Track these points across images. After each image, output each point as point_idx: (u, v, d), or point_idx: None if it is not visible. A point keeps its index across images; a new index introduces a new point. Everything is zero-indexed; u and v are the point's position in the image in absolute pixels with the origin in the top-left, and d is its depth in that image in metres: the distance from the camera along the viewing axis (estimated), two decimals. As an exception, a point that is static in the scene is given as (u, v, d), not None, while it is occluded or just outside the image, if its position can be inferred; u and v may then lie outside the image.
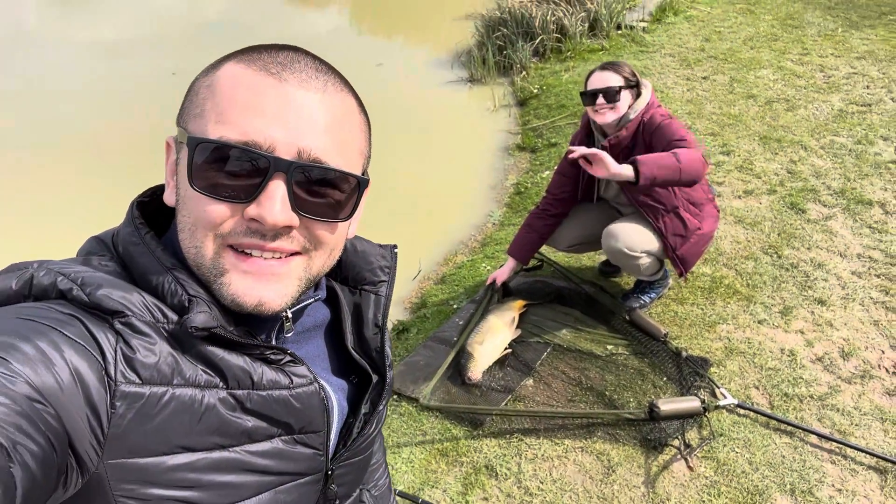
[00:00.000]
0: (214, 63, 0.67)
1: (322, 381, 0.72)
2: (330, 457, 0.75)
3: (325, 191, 0.65)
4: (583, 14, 6.61)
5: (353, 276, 0.82)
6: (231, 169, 0.61)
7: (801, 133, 4.45)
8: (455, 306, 3.21)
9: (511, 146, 4.99)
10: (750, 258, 3.27)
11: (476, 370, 2.63)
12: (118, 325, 0.60)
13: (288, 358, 0.68)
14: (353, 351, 0.79)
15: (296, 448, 0.70)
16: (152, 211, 0.72)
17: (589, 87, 2.63)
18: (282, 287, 0.65)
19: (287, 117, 0.62)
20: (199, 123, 0.64)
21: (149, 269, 0.65)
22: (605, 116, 2.60)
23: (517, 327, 2.85)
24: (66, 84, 6.66)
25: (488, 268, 3.47)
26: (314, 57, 0.67)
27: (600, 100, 2.59)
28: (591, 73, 2.66)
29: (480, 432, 2.42)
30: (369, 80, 6.38)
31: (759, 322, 2.86)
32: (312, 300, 0.74)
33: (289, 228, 0.64)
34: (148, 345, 0.60)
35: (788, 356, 2.66)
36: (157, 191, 0.74)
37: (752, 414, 2.39)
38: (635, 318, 2.84)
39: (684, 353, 2.64)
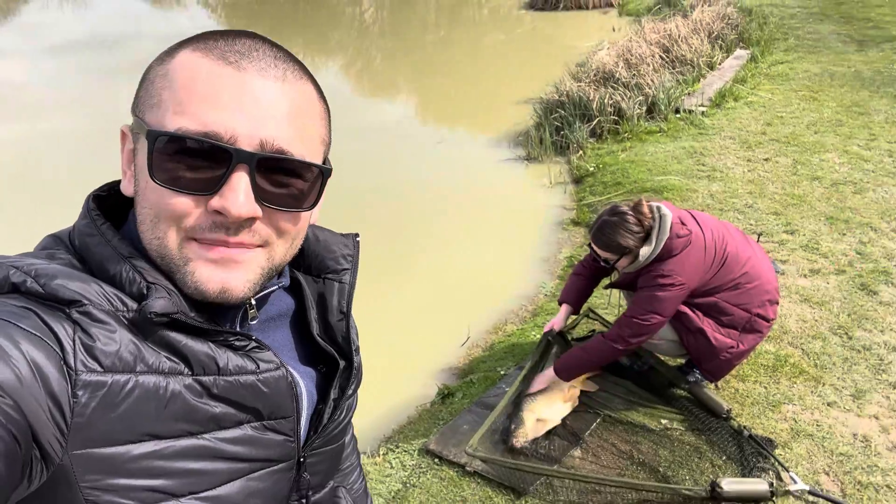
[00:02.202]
0: (169, 50, 0.66)
1: (289, 368, 0.71)
2: (301, 444, 0.74)
3: (288, 181, 0.65)
4: (640, 98, 6.70)
5: (317, 266, 0.81)
6: (192, 161, 0.61)
7: (870, 215, 4.28)
8: (502, 372, 3.12)
9: (565, 221, 4.98)
10: (818, 338, 3.09)
11: (523, 437, 2.52)
12: (75, 315, 0.58)
13: (253, 344, 0.67)
14: (318, 338, 0.79)
15: (266, 434, 0.69)
16: (110, 206, 0.72)
17: (592, 245, 2.60)
18: (245, 274, 0.65)
19: (247, 107, 0.61)
20: (157, 114, 0.63)
21: (106, 259, 0.64)
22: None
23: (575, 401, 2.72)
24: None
25: (538, 337, 3.38)
26: (273, 44, 0.67)
27: (601, 261, 2.62)
28: (595, 224, 2.57)
29: (523, 502, 2.29)
30: (429, 157, 6.56)
31: (829, 404, 2.66)
32: (276, 287, 0.74)
33: (252, 220, 0.63)
34: (108, 332, 0.59)
35: (862, 442, 2.45)
36: (115, 186, 0.73)
37: (822, 501, 2.19)
38: (696, 391, 2.69)
39: (747, 432, 2.46)
